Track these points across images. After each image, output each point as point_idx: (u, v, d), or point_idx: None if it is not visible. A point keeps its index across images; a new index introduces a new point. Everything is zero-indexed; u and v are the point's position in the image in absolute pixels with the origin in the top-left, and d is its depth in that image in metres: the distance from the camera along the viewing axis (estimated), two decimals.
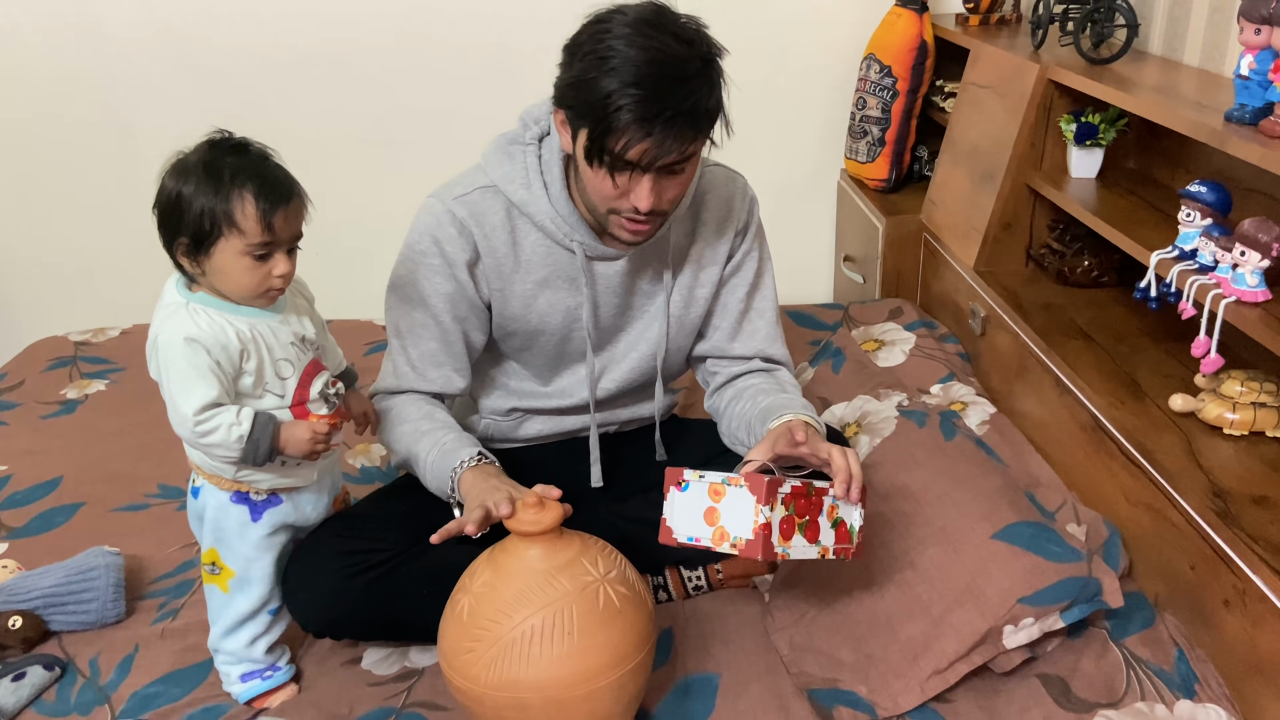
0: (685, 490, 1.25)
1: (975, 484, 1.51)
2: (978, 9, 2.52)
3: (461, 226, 1.45)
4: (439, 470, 1.40)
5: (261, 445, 1.24)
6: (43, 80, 2.63)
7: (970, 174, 2.22)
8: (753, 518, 1.20)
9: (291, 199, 1.23)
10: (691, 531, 1.24)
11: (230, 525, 1.35)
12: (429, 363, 1.51)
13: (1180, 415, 1.56)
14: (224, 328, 1.23)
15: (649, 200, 1.32)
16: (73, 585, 1.55)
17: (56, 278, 2.84)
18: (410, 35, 2.64)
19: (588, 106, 1.27)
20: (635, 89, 1.23)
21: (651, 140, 1.26)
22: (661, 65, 1.25)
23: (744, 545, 1.20)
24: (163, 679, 1.46)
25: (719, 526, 1.22)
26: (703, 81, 1.28)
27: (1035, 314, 1.92)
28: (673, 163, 1.30)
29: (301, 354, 1.31)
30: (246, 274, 1.22)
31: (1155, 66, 1.96)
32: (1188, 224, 1.55)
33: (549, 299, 1.51)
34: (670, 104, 1.24)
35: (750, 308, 1.62)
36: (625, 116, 1.24)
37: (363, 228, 2.77)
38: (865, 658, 1.37)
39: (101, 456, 2.03)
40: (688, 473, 1.25)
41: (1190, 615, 1.40)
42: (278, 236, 1.21)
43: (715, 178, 1.57)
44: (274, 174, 1.22)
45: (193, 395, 1.21)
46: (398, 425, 1.49)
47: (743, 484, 1.21)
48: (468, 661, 1.20)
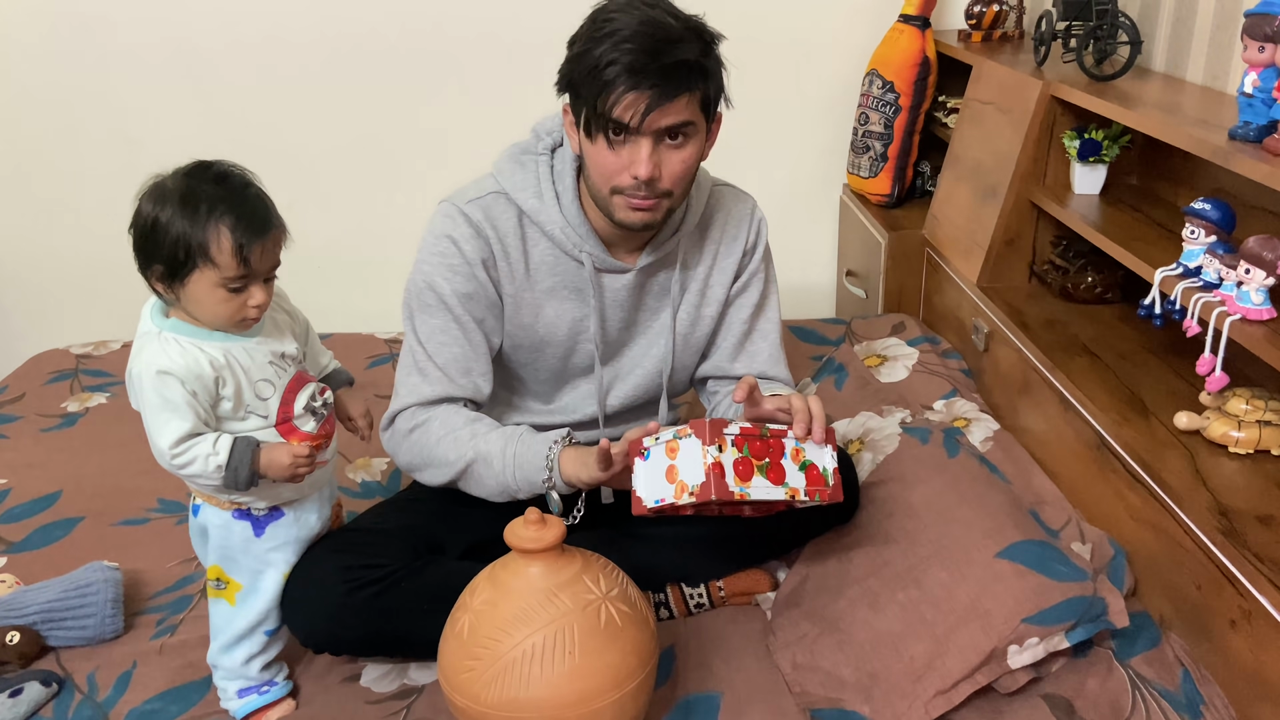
0: (648, 458, 1.26)
1: (979, 502, 1.50)
2: (980, 25, 2.52)
3: (477, 228, 1.45)
4: (527, 458, 1.40)
5: (241, 472, 1.22)
6: (48, 93, 2.63)
7: (973, 190, 2.21)
8: (701, 460, 1.20)
9: (269, 231, 1.21)
10: (657, 494, 1.24)
11: (235, 542, 1.35)
12: (457, 369, 1.48)
13: (1185, 433, 1.55)
14: (197, 357, 1.22)
15: (648, 166, 1.32)
16: (71, 600, 1.54)
17: (59, 290, 2.84)
18: (418, 50, 2.64)
19: (583, 75, 1.30)
20: (626, 45, 1.27)
21: (642, 93, 1.27)
22: (652, 27, 1.28)
23: (698, 489, 1.20)
24: (160, 695, 1.45)
25: (679, 481, 1.22)
26: (695, 43, 1.31)
27: (1039, 330, 1.91)
28: (669, 126, 1.31)
29: (282, 371, 1.30)
30: (221, 305, 1.21)
31: (1158, 83, 1.96)
32: (1192, 241, 1.54)
33: (556, 309, 1.51)
34: (660, 58, 1.27)
35: (754, 329, 1.62)
36: (615, 70, 1.27)
37: (366, 241, 2.78)
38: (868, 677, 1.36)
39: (101, 470, 2.02)
40: (647, 440, 1.26)
41: (1196, 635, 1.39)
42: (254, 270, 1.20)
43: (724, 198, 1.58)
44: (252, 205, 1.21)
45: (167, 429, 1.20)
46: (447, 433, 1.45)
47: (689, 433, 1.22)
48: (467, 680, 1.20)
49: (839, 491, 1.32)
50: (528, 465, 1.40)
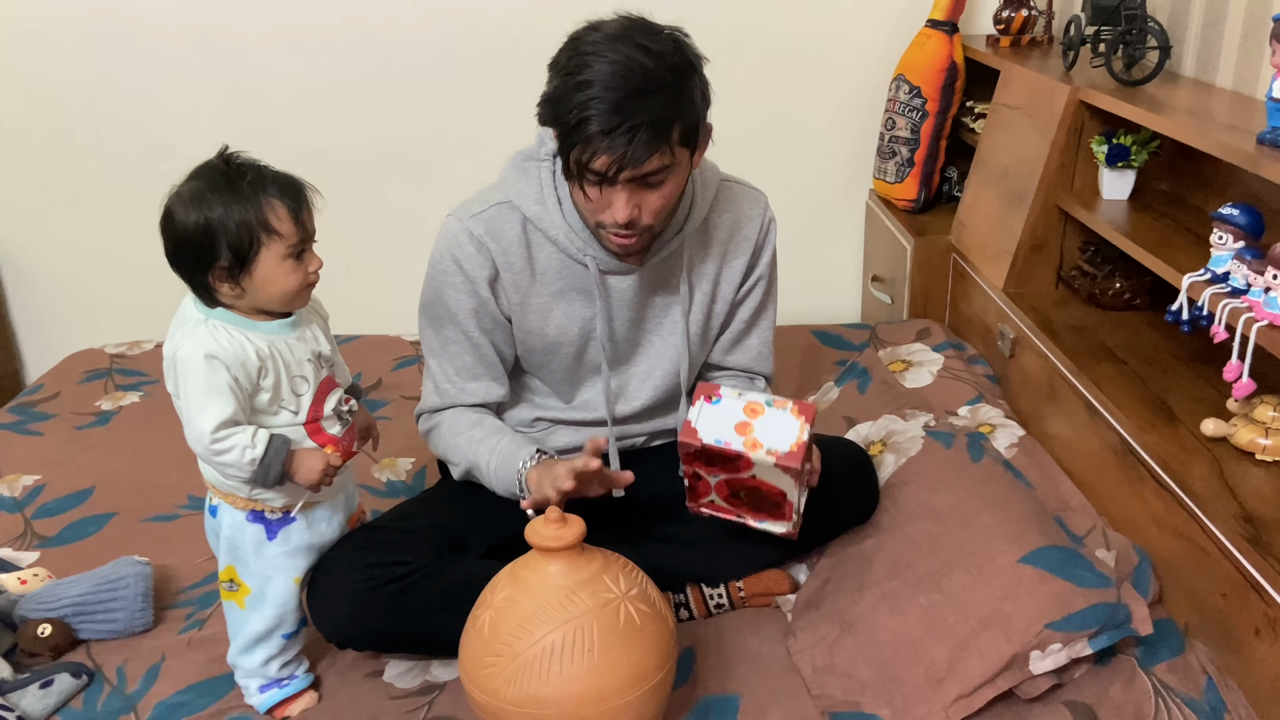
0: (717, 403, 1.32)
1: (1003, 507, 1.49)
2: (1008, 30, 2.51)
3: (479, 244, 1.47)
4: (504, 476, 1.45)
5: (273, 470, 1.24)
6: (81, 96, 2.68)
7: (1000, 195, 2.20)
8: (796, 434, 1.28)
9: (305, 192, 1.26)
10: (720, 436, 1.29)
11: (246, 544, 1.36)
12: (467, 376, 1.54)
13: (1212, 440, 1.54)
14: (243, 344, 1.24)
15: (625, 212, 1.33)
16: (101, 594, 1.57)
17: (94, 291, 2.89)
18: (446, 52, 2.67)
19: (557, 121, 1.30)
20: (598, 101, 1.25)
21: (614, 151, 1.27)
22: (625, 77, 1.26)
23: (782, 456, 1.27)
24: (188, 689, 1.47)
25: (752, 438, 1.29)
26: (670, 93, 1.28)
27: (1065, 336, 1.90)
28: (645, 174, 1.31)
29: (317, 370, 1.32)
30: (290, 276, 1.24)
31: (1188, 88, 1.94)
32: (1220, 247, 1.53)
33: (565, 311, 1.52)
34: (632, 114, 1.25)
35: (753, 326, 1.65)
36: (588, 128, 1.26)
37: (391, 244, 2.81)
38: (889, 680, 1.36)
39: (133, 467, 2.06)
40: (724, 389, 1.32)
41: (1221, 643, 1.38)
42: (308, 231, 1.25)
43: (736, 195, 1.58)
44: (281, 175, 1.26)
45: (209, 412, 1.21)
46: (451, 438, 1.53)
47: (789, 406, 1.30)
48: (488, 676, 1.21)
49: (797, 531, 1.41)
50: (504, 482, 1.46)
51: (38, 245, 2.84)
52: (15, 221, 2.81)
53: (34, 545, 1.82)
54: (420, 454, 2.06)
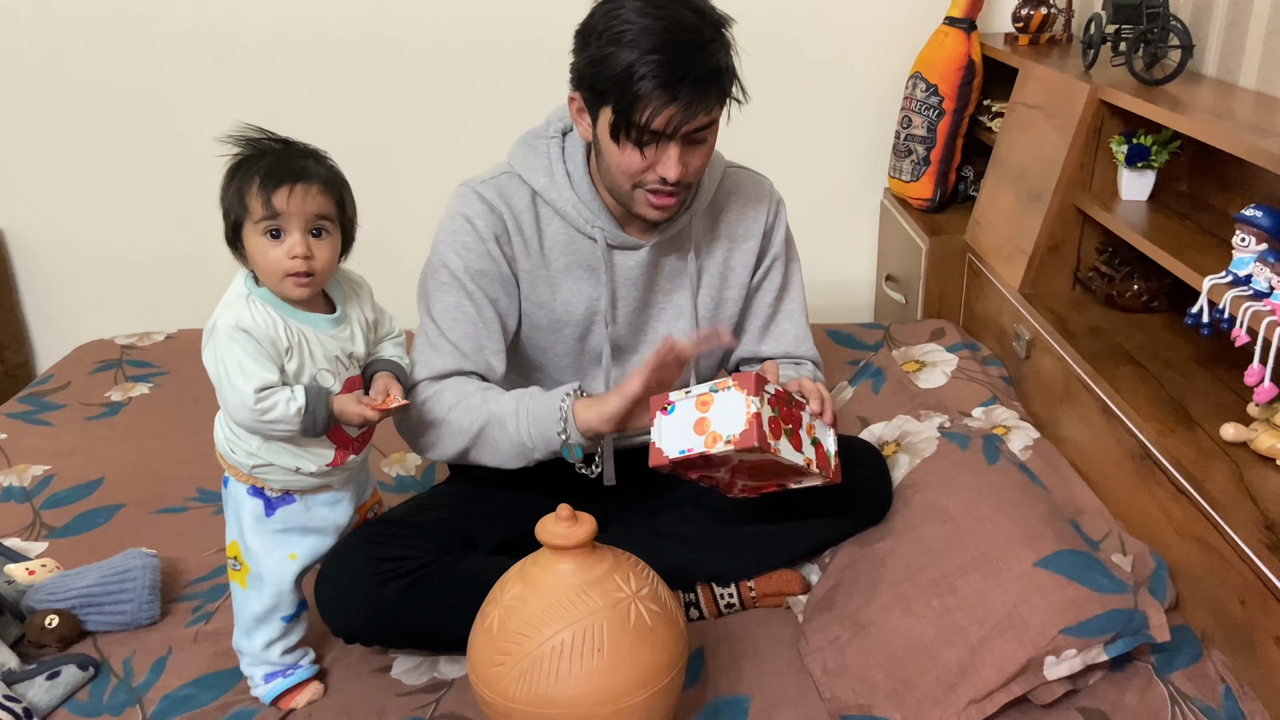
0: (671, 412, 1.29)
1: (1019, 509, 1.47)
2: (1027, 29, 2.49)
3: (490, 205, 1.47)
4: (540, 413, 1.39)
5: (319, 415, 1.25)
6: (95, 88, 2.68)
7: (1017, 194, 2.18)
8: (744, 410, 1.23)
9: (300, 178, 1.25)
10: (682, 445, 1.26)
11: (246, 518, 1.37)
12: (469, 345, 1.49)
13: (1231, 445, 1.52)
14: (276, 324, 1.27)
15: (677, 169, 1.35)
16: (109, 586, 1.56)
17: (104, 282, 2.89)
18: (452, 49, 2.66)
19: (610, 81, 1.30)
20: (655, 54, 1.26)
21: (678, 105, 1.28)
22: (678, 31, 1.28)
23: (738, 437, 1.22)
24: (195, 682, 1.47)
25: (710, 432, 1.25)
26: (719, 45, 1.31)
27: (1082, 338, 1.88)
28: (698, 128, 1.33)
29: (344, 369, 1.33)
30: (264, 254, 1.26)
31: (1210, 88, 1.92)
32: (1242, 249, 1.51)
33: (571, 288, 1.52)
34: (693, 68, 1.27)
35: (779, 310, 1.64)
36: (648, 84, 1.27)
37: (398, 236, 2.78)
38: (901, 684, 1.34)
39: (143, 459, 2.05)
40: (674, 394, 1.29)
41: (1239, 651, 1.36)
42: (278, 211, 1.24)
43: (740, 180, 1.58)
44: (291, 158, 1.26)
45: (252, 377, 1.23)
46: (459, 402, 1.44)
47: (730, 385, 1.25)
48: (496, 675, 1.19)
49: (839, 475, 1.37)
50: (542, 420, 1.40)
51: (49, 236, 2.84)
52: (27, 212, 2.81)
53: (43, 536, 1.82)
54: None
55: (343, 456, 1.35)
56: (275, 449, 1.31)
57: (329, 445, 1.33)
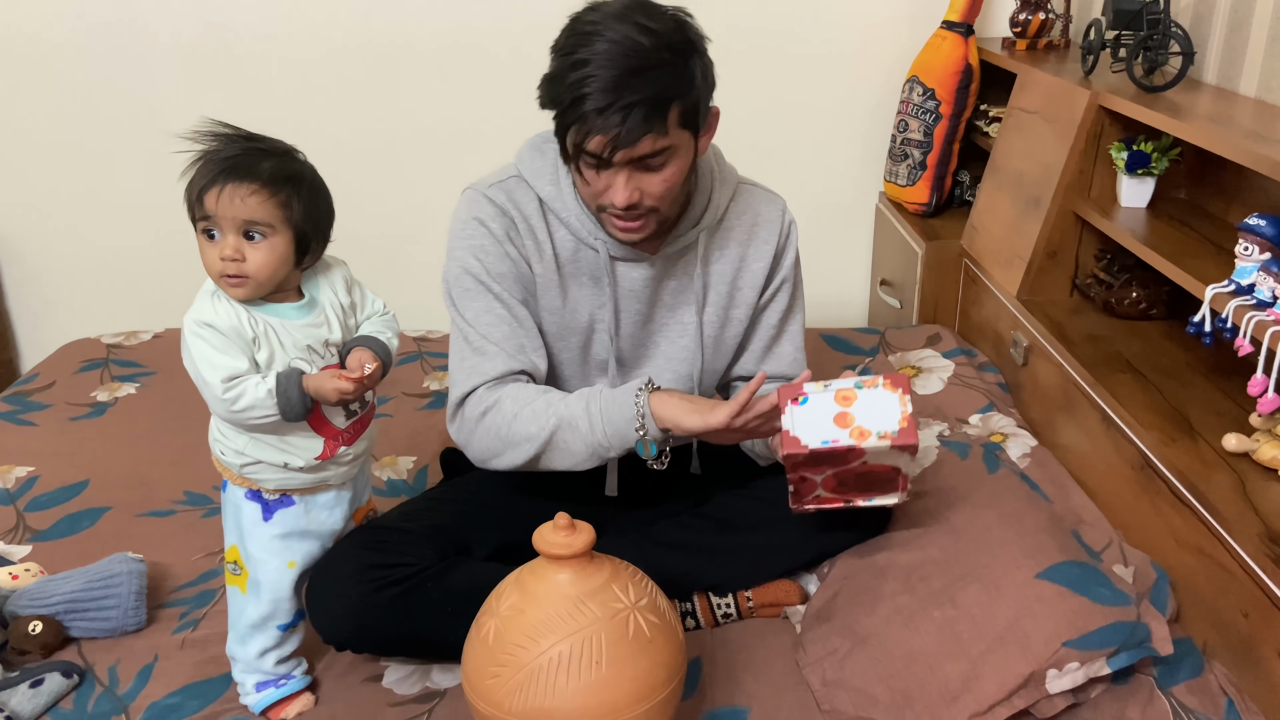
0: (804, 403, 1.28)
1: (1020, 520, 1.46)
2: (1025, 33, 2.48)
3: (501, 208, 1.45)
4: (614, 412, 1.37)
5: (291, 394, 1.22)
6: (83, 84, 2.64)
7: (1015, 200, 2.17)
8: (899, 409, 1.26)
9: (234, 179, 1.20)
10: (825, 436, 1.26)
11: (245, 522, 1.34)
12: (511, 345, 1.45)
13: (1233, 455, 1.51)
14: (240, 316, 1.25)
15: (624, 195, 1.31)
16: (94, 591, 1.53)
17: (91, 280, 2.85)
18: (449, 48, 2.63)
19: (554, 102, 1.28)
20: (593, 79, 1.23)
21: (607, 131, 1.25)
22: (622, 55, 1.24)
23: (896, 435, 1.25)
24: (181, 690, 1.44)
25: (856, 427, 1.26)
26: (666, 71, 1.26)
27: (1081, 345, 1.87)
28: (642, 156, 1.28)
29: (319, 358, 1.29)
30: (203, 253, 1.24)
31: (1209, 96, 1.91)
32: (1245, 258, 1.50)
33: (576, 295, 1.50)
34: (625, 93, 1.23)
35: (783, 332, 1.61)
36: (582, 107, 1.24)
37: (395, 238, 2.77)
38: (901, 696, 1.32)
39: (129, 460, 2.02)
40: (808, 386, 1.29)
41: (1241, 665, 1.35)
42: (208, 213, 1.21)
43: (754, 198, 1.55)
44: (239, 158, 1.22)
45: (219, 368, 1.22)
46: (523, 409, 1.40)
47: (880, 383, 1.27)
48: (492, 687, 1.17)
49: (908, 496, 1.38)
50: (616, 418, 1.37)
51: (35, 234, 2.80)
52: (13, 210, 2.77)
53: (26, 539, 1.79)
54: (422, 452, 2.02)
55: (332, 447, 1.32)
56: (262, 445, 1.28)
57: (315, 436, 1.30)
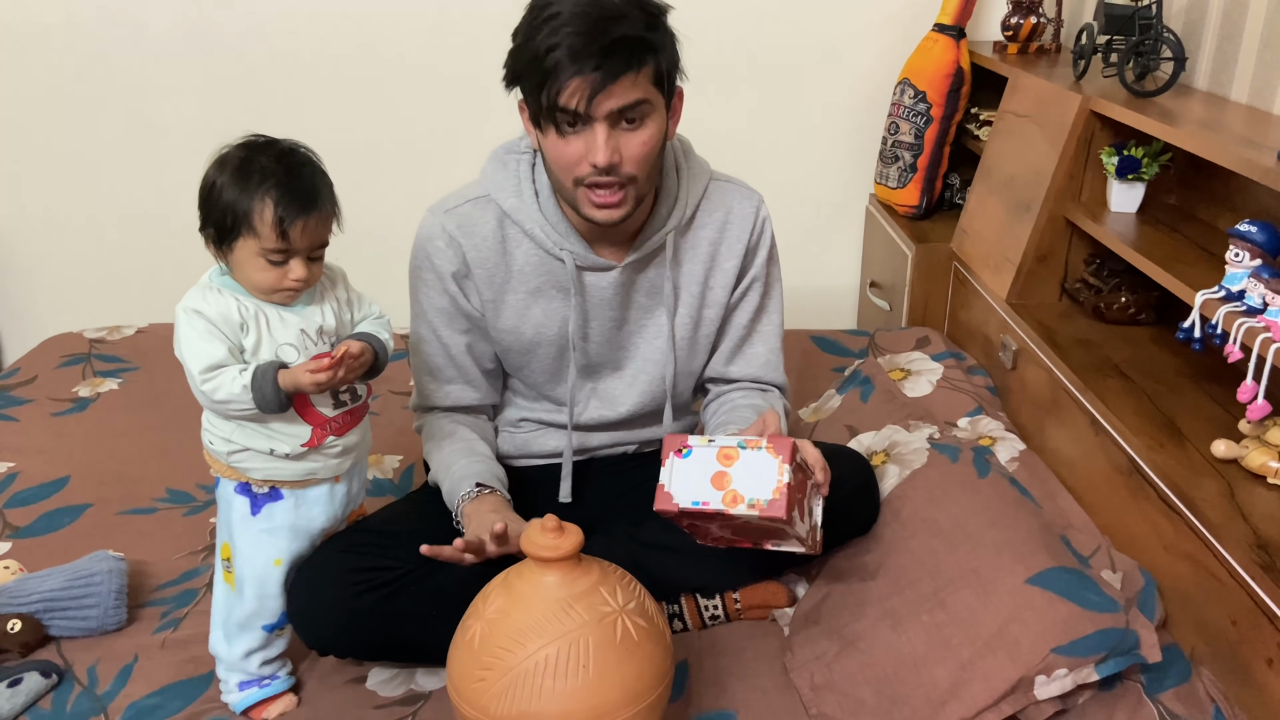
0: (687, 457, 1.23)
1: (1010, 524, 1.45)
2: (1016, 37, 2.48)
3: (450, 239, 1.45)
4: (450, 501, 1.47)
5: (266, 390, 1.21)
6: (69, 76, 2.62)
7: (1005, 204, 2.17)
8: (776, 477, 1.18)
9: (313, 210, 1.22)
10: (696, 496, 1.21)
11: (234, 517, 1.33)
12: (439, 379, 1.54)
13: (1222, 462, 1.50)
14: (230, 303, 1.24)
15: (605, 152, 1.28)
16: (74, 590, 1.51)
17: (74, 274, 2.82)
18: (438, 44, 2.62)
19: (525, 66, 1.27)
20: (566, 29, 1.22)
21: (587, 76, 1.23)
22: (591, 6, 1.24)
23: (765, 506, 1.18)
24: (161, 690, 1.42)
25: (730, 490, 1.20)
26: (639, 18, 1.26)
27: (1070, 350, 1.86)
28: (621, 108, 1.26)
29: (311, 345, 1.28)
30: (261, 274, 1.23)
31: (1201, 101, 1.91)
32: (1236, 264, 1.50)
33: (544, 309, 1.48)
34: (602, 36, 1.22)
35: (753, 332, 1.59)
36: (555, 56, 1.23)
37: (383, 235, 2.74)
38: (889, 701, 1.32)
39: (110, 457, 2.00)
40: (693, 439, 1.23)
41: (1230, 672, 1.34)
42: (293, 245, 1.22)
43: (727, 194, 1.53)
44: (302, 182, 1.22)
45: (199, 356, 1.22)
46: (427, 443, 1.56)
47: (762, 445, 1.20)
48: (477, 690, 1.16)
49: (820, 547, 1.33)
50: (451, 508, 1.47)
51: (17, 227, 2.77)
52: None
53: (6, 536, 1.76)
54: (408, 452, 2.01)
55: (320, 436, 1.30)
56: (248, 432, 1.28)
57: (302, 423, 1.29)
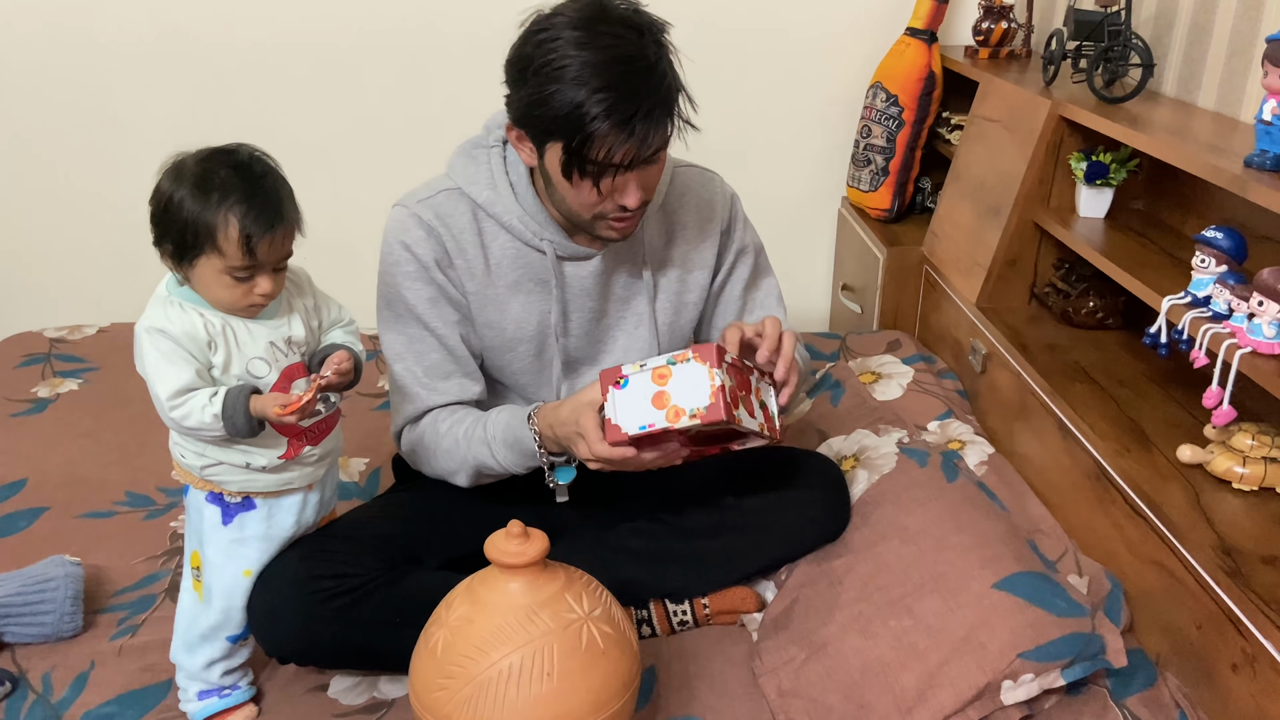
0: (625, 386, 1.23)
1: (978, 529, 1.45)
2: (987, 42, 2.48)
3: (429, 229, 1.41)
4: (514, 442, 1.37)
5: (237, 420, 1.18)
6: (28, 73, 2.56)
7: (975, 208, 2.17)
8: (708, 383, 1.18)
9: (279, 224, 1.18)
10: (642, 420, 1.21)
11: (205, 526, 1.31)
12: (438, 375, 1.45)
13: (1187, 467, 1.51)
14: (194, 320, 1.21)
15: (638, 196, 1.31)
16: (29, 595, 1.48)
17: (34, 272, 2.76)
18: (405, 40, 2.59)
19: (557, 122, 1.23)
20: (604, 92, 1.20)
21: (634, 139, 1.23)
22: (624, 61, 1.22)
23: (704, 411, 1.18)
24: (117, 699, 1.39)
25: (671, 406, 1.20)
26: (664, 64, 1.26)
27: (1038, 354, 1.87)
28: (655, 152, 1.28)
29: (281, 356, 1.26)
30: (226, 291, 1.19)
31: (1168, 108, 1.92)
32: (1202, 270, 1.50)
33: (523, 303, 1.46)
34: (645, 98, 1.22)
35: (750, 300, 1.59)
36: (601, 123, 1.21)
37: (350, 233, 2.71)
38: (857, 707, 1.31)
39: (69, 459, 1.96)
40: (626, 367, 1.23)
41: (1195, 677, 1.35)
42: (260, 261, 1.18)
43: (690, 179, 1.54)
44: (266, 196, 1.18)
45: (166, 381, 1.18)
46: (438, 445, 1.43)
47: (690, 357, 1.20)
48: (439, 700, 1.14)
49: (781, 433, 1.33)
50: (520, 449, 1.37)
51: None
52: None
53: None
54: (374, 455, 1.98)
55: (296, 447, 1.28)
56: (223, 446, 1.25)
57: (278, 437, 1.27)
